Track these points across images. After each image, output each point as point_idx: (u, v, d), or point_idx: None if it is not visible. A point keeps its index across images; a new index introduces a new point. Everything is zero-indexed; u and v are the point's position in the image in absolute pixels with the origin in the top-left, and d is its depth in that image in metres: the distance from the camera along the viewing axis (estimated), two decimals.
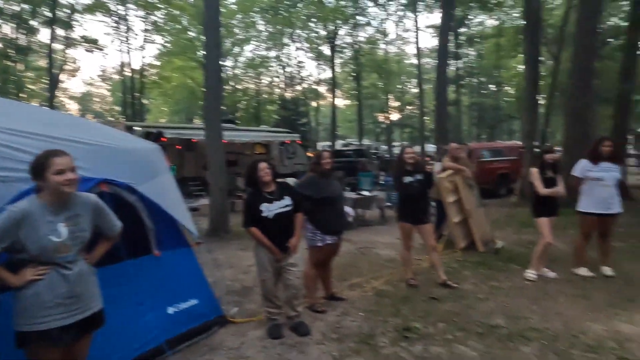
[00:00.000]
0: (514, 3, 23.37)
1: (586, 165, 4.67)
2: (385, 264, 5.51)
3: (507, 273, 4.87)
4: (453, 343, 3.15)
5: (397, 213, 4.68)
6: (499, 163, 12.42)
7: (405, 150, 4.61)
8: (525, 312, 3.69)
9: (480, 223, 6.05)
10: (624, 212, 4.70)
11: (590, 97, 9.77)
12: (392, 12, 29.27)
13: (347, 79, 33.88)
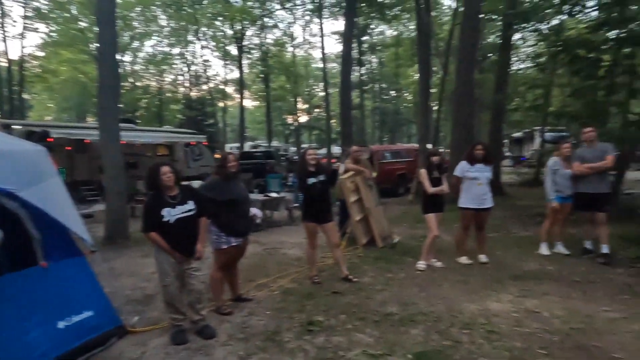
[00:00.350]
0: (410, 17, 25.34)
1: (464, 166, 5.32)
2: (292, 263, 5.67)
3: (402, 265, 5.33)
4: (352, 332, 3.39)
5: (302, 213, 4.87)
6: (398, 164, 13.39)
7: (307, 152, 4.80)
8: (415, 298, 4.11)
9: (379, 220, 6.52)
10: (497, 206, 5.45)
11: (472, 106, 11.02)
12: (299, 16, 29.87)
13: (256, 80, 33.72)
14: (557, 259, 5.39)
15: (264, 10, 25.98)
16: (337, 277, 4.83)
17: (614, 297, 4.03)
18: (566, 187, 5.44)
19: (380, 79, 36.15)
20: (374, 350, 3.05)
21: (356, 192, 6.41)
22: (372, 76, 35.63)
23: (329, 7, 22.01)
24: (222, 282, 4.01)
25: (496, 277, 4.71)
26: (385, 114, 35.95)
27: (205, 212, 3.55)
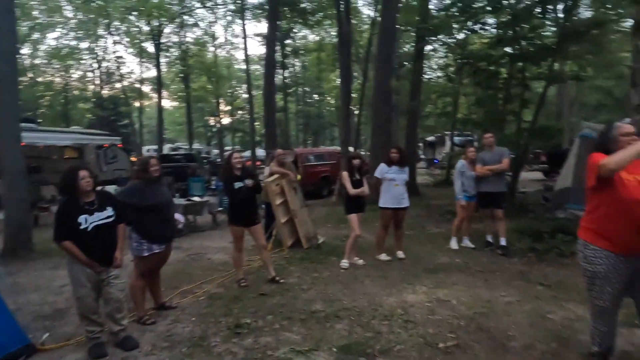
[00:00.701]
0: (331, 23, 26.08)
1: (383, 168, 5.67)
2: (218, 267, 5.60)
3: (327, 264, 5.53)
4: (280, 331, 3.48)
5: (228, 216, 4.85)
6: (322, 167, 13.73)
7: (232, 155, 4.79)
8: (339, 295, 4.30)
9: (304, 222, 6.67)
10: (413, 205, 5.88)
11: (389, 111, 11.67)
12: (221, 16, 29.24)
13: (175, 79, 32.34)
14: (464, 252, 5.96)
15: (183, 7, 25.07)
16: (264, 279, 4.88)
17: (510, 283, 4.57)
18: (471, 187, 6.04)
19: (304, 83, 36.64)
20: (301, 347, 3.16)
21: (281, 194, 6.51)
22: (296, 79, 35.99)
23: (252, 9, 21.86)
24: (143, 290, 3.87)
25: (412, 271, 5.09)
26: (309, 117, 36.51)
27: (125, 218, 3.40)
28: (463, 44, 10.64)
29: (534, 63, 9.20)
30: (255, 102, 33.80)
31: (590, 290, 2.68)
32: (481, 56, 9.27)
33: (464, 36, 11.92)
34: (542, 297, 4.10)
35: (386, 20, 11.11)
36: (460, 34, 10.86)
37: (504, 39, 8.96)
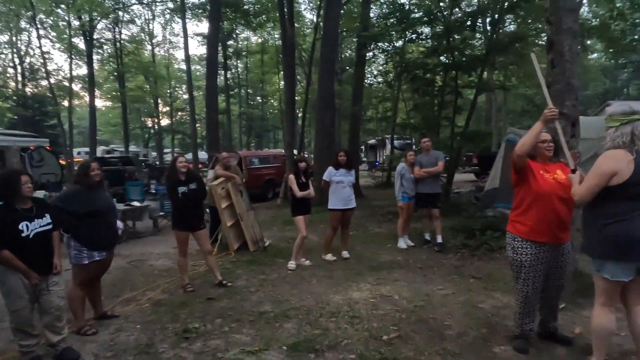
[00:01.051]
0: (274, 26, 26.10)
1: (332, 171, 5.85)
2: (161, 274, 5.46)
3: (274, 266, 5.60)
4: (229, 334, 3.50)
5: (172, 221, 4.76)
6: (266, 169, 13.72)
7: (177, 159, 4.72)
8: (287, 296, 4.39)
9: (251, 225, 6.68)
10: (356, 207, 6.10)
11: (332, 115, 11.96)
12: (159, 14, 28.22)
13: (109, 78, 30.65)
14: (405, 250, 6.29)
15: (117, 2, 23.87)
16: (211, 283, 4.85)
17: (446, 277, 4.92)
18: (411, 188, 6.39)
19: (247, 85, 36.28)
20: (251, 348, 3.21)
21: (227, 198, 6.47)
22: (239, 81, 35.54)
23: (193, 8, 21.30)
24: (82, 300, 3.70)
25: (357, 270, 5.30)
26: (252, 119, 36.19)
27: (61, 225, 3.26)
28: (401, 52, 11.17)
29: (466, 72, 9.90)
30: (197, 104, 32.94)
31: (517, 278, 3.01)
32: (418, 64, 9.81)
33: (402, 44, 12.52)
34: (474, 288, 4.46)
35: (328, 26, 11.39)
36: (398, 42, 11.39)
37: (438, 49, 9.54)
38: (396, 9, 10.42)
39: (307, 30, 27.12)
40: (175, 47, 36.63)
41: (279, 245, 6.87)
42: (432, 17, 9.76)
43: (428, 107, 10.14)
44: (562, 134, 2.92)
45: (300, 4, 25.99)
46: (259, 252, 6.36)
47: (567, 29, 3.90)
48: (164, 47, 34.05)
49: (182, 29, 18.19)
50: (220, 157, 6.77)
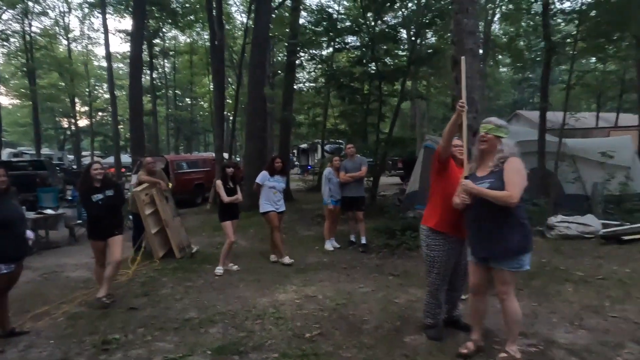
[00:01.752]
0: (204, 26, 25.51)
1: (265, 175, 5.96)
2: (78, 285, 5.18)
3: (201, 272, 5.55)
4: (152, 342, 3.45)
5: (87, 231, 4.55)
6: (195, 174, 13.38)
7: (92, 166, 4.50)
8: (213, 301, 4.41)
9: (177, 231, 6.55)
10: (287, 210, 6.26)
11: (264, 119, 12.02)
12: (76, 6, 26.31)
13: (17, 74, 27.92)
14: (331, 252, 6.55)
15: None
16: (134, 293, 4.72)
17: (368, 276, 5.22)
18: (337, 192, 6.67)
19: (175, 86, 34.96)
20: (175, 355, 3.21)
21: (151, 204, 6.30)
22: (166, 82, 34.15)
23: (114, 3, 20.16)
24: None
25: (284, 273, 5.44)
26: (181, 122, 34.94)
27: None
28: (329, 60, 11.55)
29: (389, 82, 10.49)
30: (119, 104, 31.13)
31: (430, 272, 3.33)
32: (344, 73, 10.22)
33: (331, 53, 12.93)
34: (392, 285, 4.80)
35: (258, 31, 11.44)
36: (326, 50, 11.76)
37: (363, 58, 10.02)
38: (324, 17, 10.77)
39: (239, 33, 26.87)
40: (95, 43, 34.15)
41: (207, 251, 6.80)
42: (357, 28, 10.23)
43: (355, 114, 10.59)
44: (465, 130, 3.22)
45: (231, 6, 25.70)
46: (186, 259, 6.25)
47: (468, 50, 4.38)
48: (82, 43, 31.76)
49: (102, 24, 17.02)
50: (144, 162, 6.57)
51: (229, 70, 27.95)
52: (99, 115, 35.80)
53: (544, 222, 6.68)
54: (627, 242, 5.91)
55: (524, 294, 4.21)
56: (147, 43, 25.79)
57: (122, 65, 32.34)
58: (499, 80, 34.03)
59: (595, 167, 8.23)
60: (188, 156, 20.13)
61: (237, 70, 17.85)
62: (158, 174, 6.73)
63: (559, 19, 9.56)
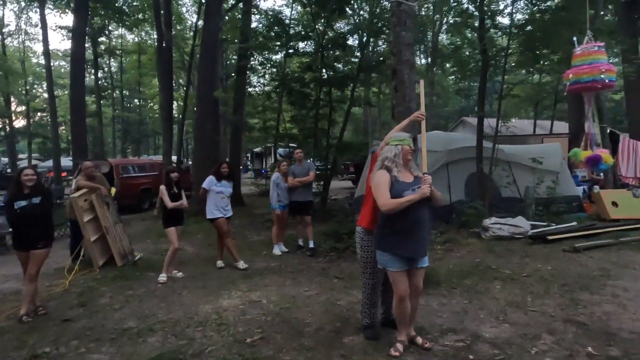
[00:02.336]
0: (153, 26, 24.74)
1: (212, 181, 5.90)
2: (7, 298, 4.89)
3: (143, 281, 5.41)
4: (85, 354, 3.34)
5: (12, 240, 4.30)
6: (142, 179, 12.92)
7: (23, 171, 4.26)
8: (154, 310, 4.32)
9: (118, 238, 6.32)
10: (237, 215, 6.24)
11: (215, 122, 11.83)
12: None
13: None
14: (279, 256, 6.59)
15: None
16: (69, 304, 4.53)
17: (313, 279, 5.32)
18: (285, 197, 6.73)
19: (122, 86, 33.56)
20: None
21: (91, 210, 6.06)
22: (112, 82, 32.72)
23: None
24: None
25: (230, 278, 5.42)
26: (129, 124, 33.56)
27: None
28: (281, 65, 11.62)
29: (339, 88, 10.70)
30: (61, 104, 29.53)
31: (364, 272, 3.46)
32: (295, 78, 10.32)
33: (283, 58, 12.99)
34: (336, 288, 4.92)
35: (208, 33, 11.29)
36: (277, 55, 11.82)
37: (313, 65, 10.17)
38: (276, 22, 10.82)
39: (190, 33, 26.28)
40: (34, 40, 32.22)
41: (152, 258, 6.62)
42: (308, 34, 10.37)
43: (305, 119, 10.70)
44: (424, 138, 3.40)
45: (181, 6, 25.15)
46: (128, 267, 6.06)
47: (406, 60, 4.60)
48: (18, 39, 29.80)
49: (40, 19, 16.08)
50: (83, 167, 6.31)
51: (180, 71, 27.30)
52: (38, 116, 33.66)
53: (480, 224, 7.09)
54: (552, 241, 6.41)
55: (456, 292, 4.48)
56: (92, 41, 24.67)
57: (64, 63, 30.67)
58: (446, 88, 35.56)
59: (528, 172, 8.85)
60: (134, 160, 19.39)
61: (188, 72, 17.49)
62: (98, 178, 6.49)
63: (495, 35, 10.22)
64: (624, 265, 5.36)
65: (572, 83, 4.58)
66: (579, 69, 4.45)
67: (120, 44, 31.14)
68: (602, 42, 4.93)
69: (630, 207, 8.35)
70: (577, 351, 3.12)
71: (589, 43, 4.59)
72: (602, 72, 4.30)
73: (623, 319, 3.67)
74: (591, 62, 4.38)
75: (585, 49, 4.49)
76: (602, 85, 4.40)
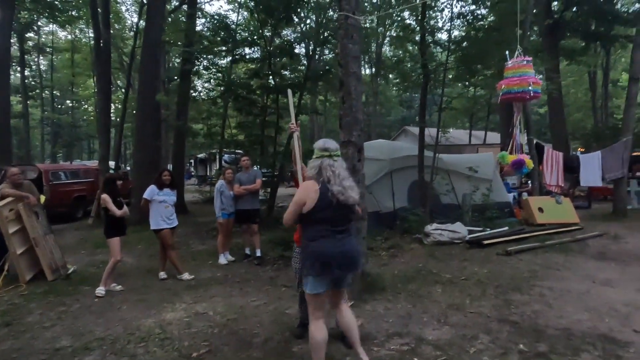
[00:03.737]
0: (88, 23, 23.37)
1: (154, 190, 5.66)
2: None
3: (77, 295, 5.06)
4: None
5: None
6: (75, 185, 12.12)
7: None
8: (91, 326, 4.05)
9: (48, 251, 5.87)
10: (180, 224, 6.02)
11: (156, 127, 11.40)
12: None
13: None
14: (225, 266, 6.46)
15: None
16: None
17: (261, 288, 5.26)
18: (230, 205, 6.61)
19: (53, 86, 31.29)
20: None
21: (17, 221, 5.59)
22: (41, 81, 30.42)
23: None
24: None
25: (174, 290, 5.22)
26: (60, 126, 31.29)
27: None
28: (227, 70, 11.44)
29: (286, 95, 10.72)
30: None
31: (299, 282, 3.47)
32: (241, 84, 10.21)
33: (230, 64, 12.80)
34: (285, 297, 4.90)
35: (150, 33, 10.90)
36: (223, 60, 11.64)
37: (259, 71, 10.13)
38: (222, 27, 10.64)
39: (131, 33, 25.14)
40: None
41: (87, 271, 6.23)
42: (255, 41, 10.32)
43: (252, 126, 10.61)
44: (297, 149, 3.41)
45: (120, 4, 24.05)
46: (60, 281, 5.64)
47: (353, 73, 4.73)
48: None
49: None
50: (8, 173, 5.81)
51: (118, 72, 26.00)
52: None
53: (422, 229, 7.40)
54: (487, 246, 6.84)
55: (401, 297, 4.64)
56: (18, 36, 22.88)
57: None
58: (389, 98, 36.84)
59: (464, 180, 9.39)
60: (67, 165, 18.17)
61: (127, 74, 16.72)
62: (26, 186, 6.00)
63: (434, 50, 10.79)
64: (549, 266, 5.84)
65: (504, 93, 4.95)
66: (510, 81, 4.83)
67: (51, 41, 29.07)
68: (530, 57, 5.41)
69: (554, 212, 9.13)
70: (510, 349, 3.35)
71: (519, 57, 4.99)
72: (530, 84, 4.70)
73: (549, 317, 3.99)
74: (521, 74, 4.76)
75: (516, 62, 4.87)
76: (529, 96, 4.79)
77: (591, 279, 5.27)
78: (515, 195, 11.36)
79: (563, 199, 9.58)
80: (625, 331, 3.65)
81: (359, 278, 4.58)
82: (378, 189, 8.46)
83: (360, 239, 4.82)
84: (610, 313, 4.08)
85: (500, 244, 6.97)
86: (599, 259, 6.28)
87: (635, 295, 4.60)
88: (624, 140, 10.31)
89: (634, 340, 3.46)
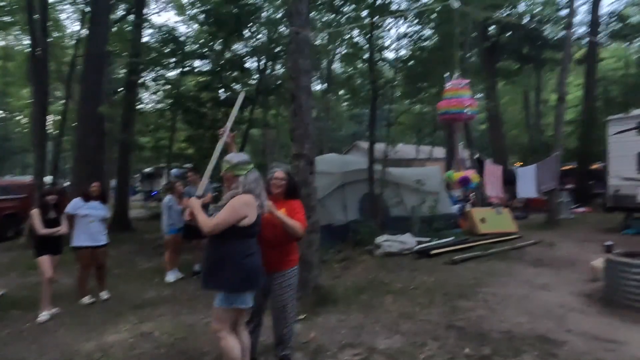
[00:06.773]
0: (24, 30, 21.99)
1: (77, 203, 5.30)
2: None
3: (7, 321, 4.65)
4: None
5: None
6: (6, 202, 11.21)
7: None
8: (23, 353, 3.74)
9: None
10: (124, 241, 5.72)
11: (99, 140, 10.83)
12: None
13: None
14: (174, 284, 6.21)
15: None
16: None
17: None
18: (179, 220, 6.40)
19: None
20: None
21: None
22: None
23: None
24: None
25: (117, 311, 4.93)
26: None
27: None
28: (176, 83, 11.19)
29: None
30: None
31: None
32: (190, 97, 10.01)
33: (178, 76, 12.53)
34: None
35: (94, 43, 10.47)
36: (172, 72, 11.37)
37: (210, 84, 10.00)
38: (170, 38, 10.43)
39: (71, 42, 23.91)
40: None
41: (18, 294, 5.75)
42: (204, 54, 10.19)
43: (202, 139, 10.39)
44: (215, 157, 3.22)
45: (60, 12, 22.87)
46: None
47: (304, 87, 4.81)
48: None
49: None
50: None
51: (57, 82, 24.56)
52: None
53: (373, 241, 7.54)
54: (434, 255, 7.10)
55: (354, 308, 4.68)
56: None
57: None
58: (340, 114, 37.51)
59: (413, 193, 9.72)
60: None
61: (67, 84, 15.85)
62: None
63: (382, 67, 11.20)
64: (492, 273, 6.15)
65: (442, 113, 5.23)
66: (449, 102, 5.10)
67: None
68: (468, 79, 5.76)
69: (495, 222, 9.66)
70: (457, 353, 3.47)
71: (457, 80, 5.30)
72: (465, 106, 4.99)
73: (493, 321, 4.20)
74: (458, 96, 5.06)
75: (454, 85, 5.17)
76: (465, 118, 5.09)
77: (529, 284, 5.60)
78: (459, 207, 11.91)
79: (503, 210, 10.17)
80: (560, 331, 3.91)
81: (311, 291, 4.58)
82: (330, 202, 8.55)
83: (313, 252, 4.85)
84: (547, 315, 4.35)
85: (446, 253, 7.26)
86: (536, 265, 6.70)
87: (569, 298, 4.94)
88: (555, 154, 11.18)
89: (568, 340, 3.72)
